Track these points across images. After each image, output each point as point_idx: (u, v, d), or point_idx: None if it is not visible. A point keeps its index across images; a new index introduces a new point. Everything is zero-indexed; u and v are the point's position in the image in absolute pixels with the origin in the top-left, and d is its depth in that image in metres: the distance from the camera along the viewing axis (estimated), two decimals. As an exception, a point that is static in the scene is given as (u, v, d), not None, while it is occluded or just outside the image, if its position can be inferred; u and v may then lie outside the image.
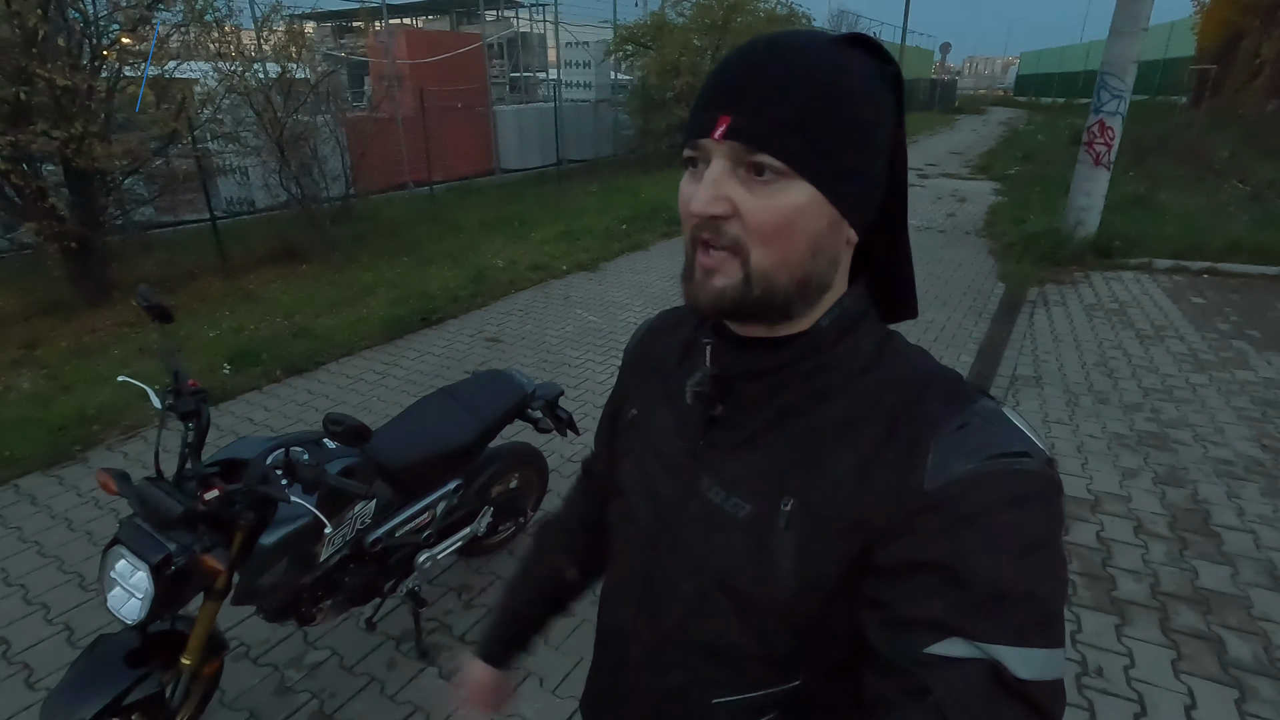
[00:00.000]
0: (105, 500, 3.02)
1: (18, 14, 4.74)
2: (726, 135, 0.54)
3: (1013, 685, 0.47)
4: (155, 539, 1.52)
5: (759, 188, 0.54)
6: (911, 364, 0.61)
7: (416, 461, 2.08)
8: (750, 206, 0.54)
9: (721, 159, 0.55)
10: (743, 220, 0.54)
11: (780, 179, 0.54)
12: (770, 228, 0.54)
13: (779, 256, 0.55)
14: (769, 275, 0.55)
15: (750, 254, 0.55)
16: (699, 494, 0.65)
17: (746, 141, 0.53)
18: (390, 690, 2.11)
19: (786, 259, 0.55)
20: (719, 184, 0.54)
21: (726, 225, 0.55)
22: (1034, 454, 0.52)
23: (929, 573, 0.50)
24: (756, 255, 0.55)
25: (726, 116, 0.54)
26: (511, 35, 15.29)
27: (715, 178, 0.55)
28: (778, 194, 0.54)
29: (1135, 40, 6.31)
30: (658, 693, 0.71)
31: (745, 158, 0.54)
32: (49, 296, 5.58)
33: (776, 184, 0.54)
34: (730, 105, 0.54)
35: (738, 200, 0.54)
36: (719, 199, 0.54)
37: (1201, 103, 15.66)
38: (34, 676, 2.15)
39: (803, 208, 0.54)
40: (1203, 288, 5.99)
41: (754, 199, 0.54)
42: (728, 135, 0.54)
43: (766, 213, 0.54)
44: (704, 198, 0.54)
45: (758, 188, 0.54)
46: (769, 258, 0.55)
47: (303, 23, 7.79)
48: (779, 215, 0.54)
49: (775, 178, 0.54)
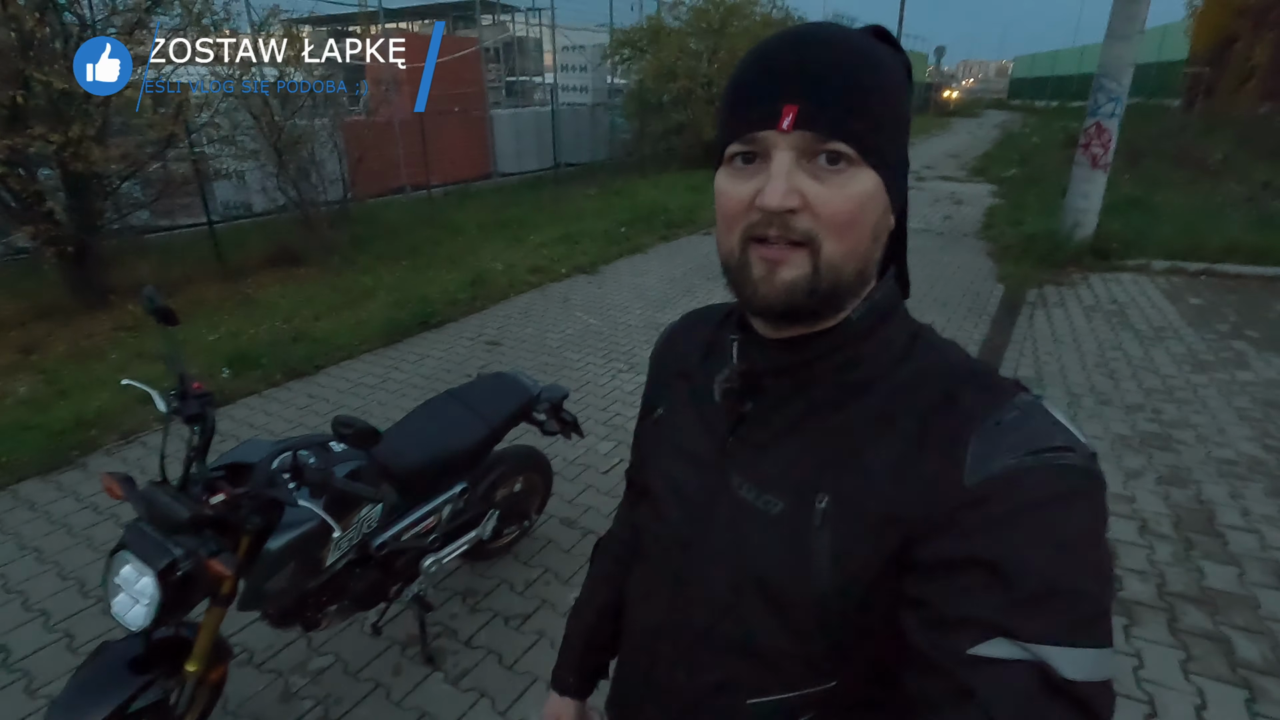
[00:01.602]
0: (104, 505, 2.99)
1: (15, 17, 4.73)
2: (797, 125, 0.52)
3: (1061, 687, 0.45)
4: (161, 544, 1.50)
5: (830, 177, 0.53)
6: (945, 357, 0.60)
7: (422, 464, 2.06)
8: (823, 197, 0.53)
9: (788, 150, 0.53)
10: (814, 211, 0.53)
11: (851, 167, 0.53)
12: (844, 217, 0.53)
13: (849, 246, 0.55)
14: (838, 266, 0.55)
15: (822, 245, 0.54)
16: (730, 492, 0.64)
17: (820, 130, 0.52)
18: (396, 696, 2.09)
19: (855, 249, 0.55)
20: (790, 175, 0.53)
21: (797, 219, 0.53)
22: (1076, 448, 0.51)
23: (972, 570, 0.49)
24: (829, 247, 0.54)
25: (793, 106, 0.52)
26: (508, 39, 15.31)
27: (785, 170, 0.53)
28: (850, 182, 0.53)
29: (1132, 43, 6.34)
30: (690, 694, 0.69)
31: (818, 147, 0.53)
32: (46, 301, 5.54)
33: (848, 172, 0.53)
34: (796, 95, 0.53)
35: (808, 191, 0.53)
36: (792, 191, 0.53)
37: (1195, 106, 15.76)
38: (34, 684, 2.13)
39: (871, 195, 0.54)
40: (1200, 289, 6.01)
41: (825, 189, 0.53)
42: (798, 125, 0.52)
43: (842, 202, 0.53)
44: (779, 191, 0.52)
45: (829, 177, 0.53)
46: (840, 248, 0.54)
47: (300, 27, 7.78)
48: (853, 204, 0.53)
49: (847, 166, 0.53)
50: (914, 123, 3.97)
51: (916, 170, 13.44)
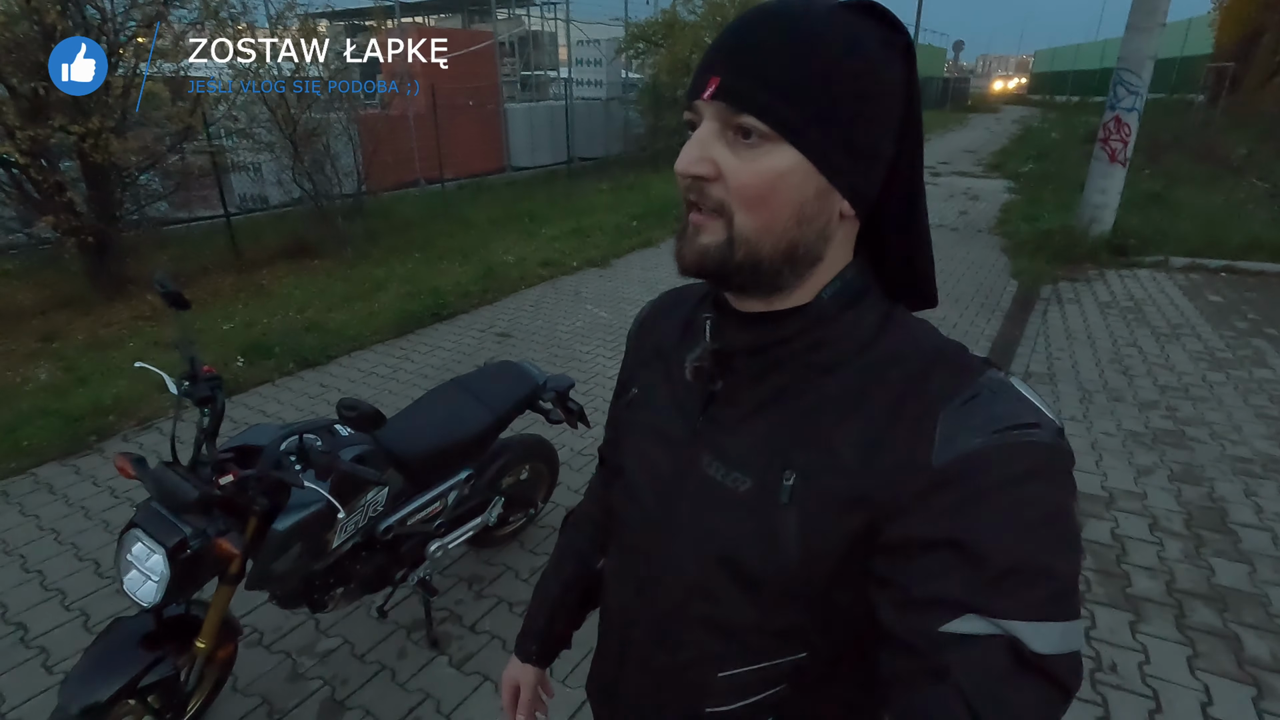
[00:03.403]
0: (121, 489, 3.05)
1: (37, 10, 4.80)
2: (714, 95, 0.54)
3: (1031, 661, 0.46)
4: (171, 523, 1.54)
5: (744, 150, 0.54)
6: (916, 337, 0.60)
7: (428, 450, 2.09)
8: (733, 168, 0.54)
9: (711, 120, 0.55)
10: (726, 182, 0.54)
11: (765, 142, 0.53)
12: (752, 191, 0.54)
13: (762, 221, 0.55)
14: (751, 240, 0.55)
15: (734, 217, 0.55)
16: (699, 470, 0.64)
17: (731, 102, 0.53)
18: (401, 678, 2.12)
19: (770, 225, 0.55)
20: (705, 145, 0.54)
21: (711, 187, 0.55)
22: (1044, 425, 0.51)
23: (941, 550, 0.49)
24: (740, 218, 0.55)
25: (716, 77, 0.54)
26: (523, 33, 15.33)
27: (701, 138, 0.55)
28: (761, 157, 0.53)
29: (1152, 36, 6.24)
30: (661, 669, 0.70)
31: (732, 119, 0.53)
32: (66, 290, 5.65)
33: (761, 147, 0.53)
34: (720, 65, 0.54)
35: (721, 162, 0.54)
36: (703, 160, 0.54)
37: (1219, 100, 15.47)
38: (51, 660, 2.18)
39: (786, 172, 0.53)
40: (1220, 286, 5.92)
41: (737, 161, 0.54)
42: (715, 95, 0.54)
43: (749, 175, 0.53)
44: (688, 157, 0.55)
45: (742, 150, 0.54)
46: (752, 222, 0.55)
47: (316, 21, 7.85)
48: (761, 179, 0.53)
49: (760, 141, 0.53)
50: (930, 118, 3.91)
51: (932, 165, 13.31)
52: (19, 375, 4.27)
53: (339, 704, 2.04)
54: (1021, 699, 0.46)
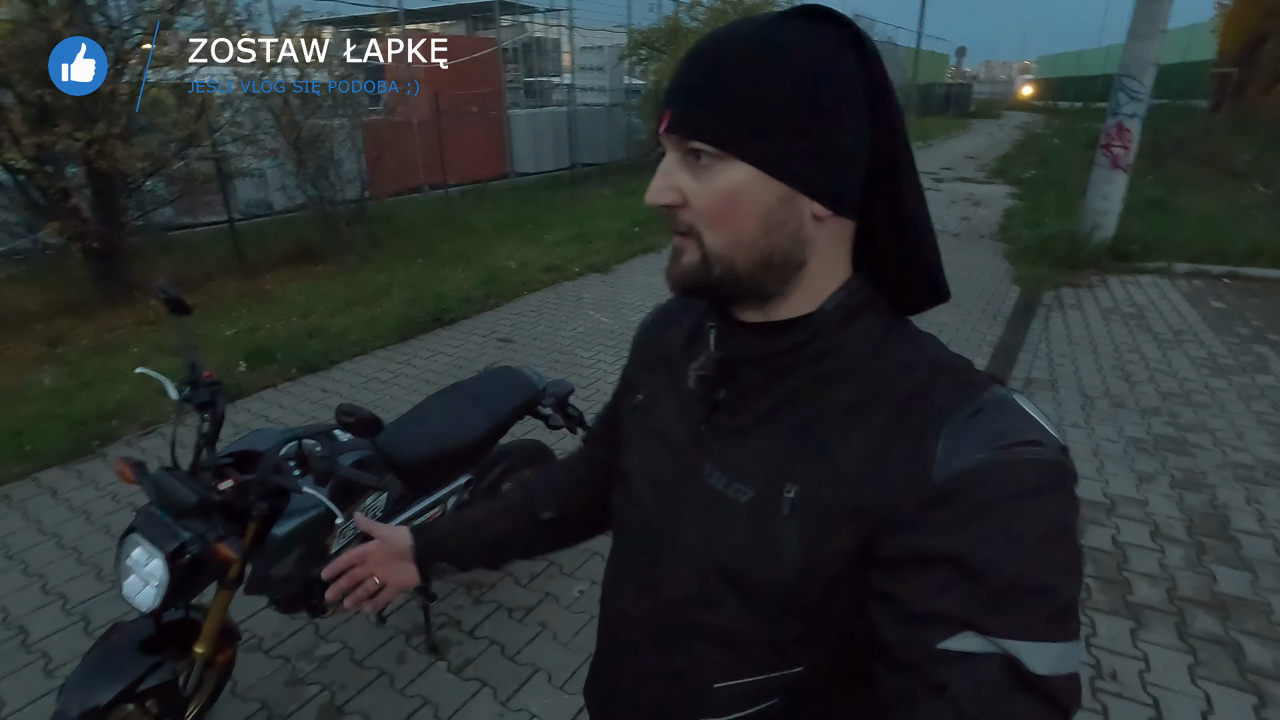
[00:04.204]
0: (123, 494, 3.06)
1: (44, 18, 4.85)
2: (668, 129, 0.58)
3: (1029, 680, 0.46)
4: (170, 527, 1.55)
5: (701, 173, 0.56)
6: (921, 350, 0.59)
7: (427, 456, 2.09)
8: (695, 191, 0.57)
9: (672, 150, 0.58)
10: (691, 206, 0.57)
11: (717, 162, 0.55)
12: (712, 210, 0.56)
13: (729, 236, 0.57)
14: (724, 255, 0.57)
15: (703, 237, 0.57)
16: (701, 479, 0.64)
17: (680, 132, 0.57)
18: (400, 684, 2.12)
19: (738, 238, 0.57)
20: (669, 174, 0.58)
21: (680, 213, 0.58)
22: (1046, 442, 0.51)
23: (941, 566, 0.49)
24: (709, 238, 0.57)
25: (668, 110, 0.58)
26: (526, 40, 15.39)
27: (665, 169, 0.59)
28: (715, 176, 0.56)
29: (1153, 42, 6.24)
30: (657, 677, 0.70)
31: (684, 145, 0.57)
32: (71, 295, 5.68)
33: (714, 167, 0.55)
34: (671, 100, 0.58)
35: (685, 187, 0.57)
36: (668, 189, 0.58)
37: (1222, 106, 15.46)
38: (51, 664, 2.19)
39: (742, 186, 0.55)
40: (1223, 292, 5.91)
41: (697, 184, 0.57)
42: (669, 129, 0.58)
43: (707, 195, 0.56)
44: (654, 189, 0.59)
45: (700, 173, 0.56)
46: (719, 238, 0.57)
47: (320, 28, 7.90)
48: (717, 196, 0.56)
49: (712, 161, 0.55)
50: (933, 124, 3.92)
51: (934, 171, 13.31)
52: (23, 380, 4.29)
53: (338, 709, 2.04)
54: (1019, 718, 0.46)
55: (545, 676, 2.14)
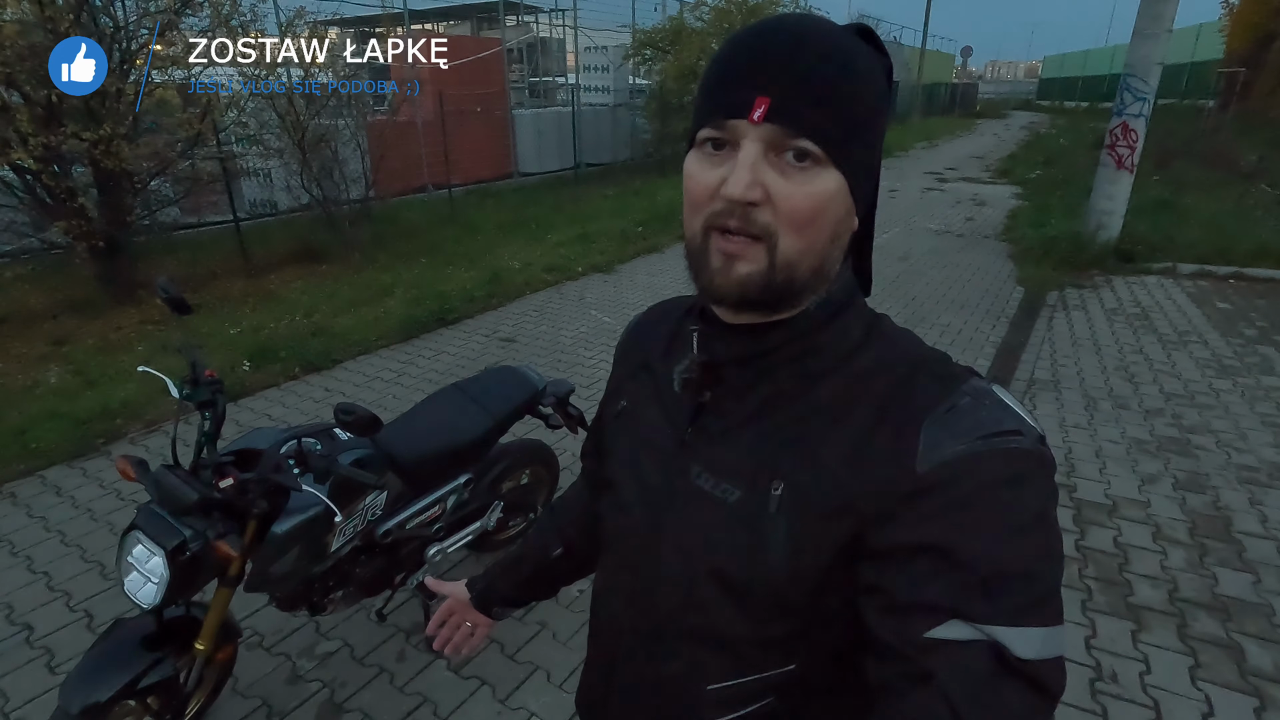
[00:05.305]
0: (127, 492, 3.08)
1: (51, 19, 4.88)
2: (768, 117, 0.52)
3: (1015, 665, 0.47)
4: (171, 525, 1.56)
5: (795, 174, 0.53)
6: (901, 346, 0.61)
7: (427, 454, 2.10)
8: (785, 193, 0.53)
9: (755, 142, 0.53)
10: (774, 206, 0.53)
11: (816, 166, 0.53)
12: (803, 215, 0.53)
13: (806, 244, 0.54)
14: (793, 263, 0.55)
15: (779, 241, 0.54)
16: (688, 481, 0.65)
17: (790, 125, 0.52)
18: (399, 681, 2.13)
19: (812, 247, 0.55)
20: (756, 169, 0.52)
21: (758, 212, 0.53)
22: (1025, 432, 0.52)
23: (925, 556, 0.50)
24: (785, 243, 0.54)
25: (766, 98, 0.52)
26: (531, 40, 15.40)
27: (751, 162, 0.52)
28: (813, 180, 0.53)
29: (1159, 42, 6.22)
30: (651, 682, 0.70)
31: (786, 142, 0.52)
32: (77, 295, 5.71)
33: (812, 171, 0.53)
34: (769, 85, 0.52)
35: (771, 185, 0.53)
36: (755, 184, 0.52)
37: (1230, 106, 15.37)
38: (55, 660, 2.20)
39: (833, 195, 0.54)
40: (1228, 293, 5.88)
41: (789, 185, 0.53)
42: (769, 117, 0.52)
43: (802, 199, 0.53)
44: (743, 182, 0.52)
45: (794, 173, 0.53)
46: (796, 245, 0.54)
47: (325, 28, 7.92)
48: (814, 202, 0.53)
49: (813, 165, 0.53)
50: (938, 124, 3.93)
51: (938, 172, 13.28)
52: (29, 378, 4.32)
53: (338, 706, 2.05)
54: (1006, 704, 0.47)
55: (544, 675, 2.14)
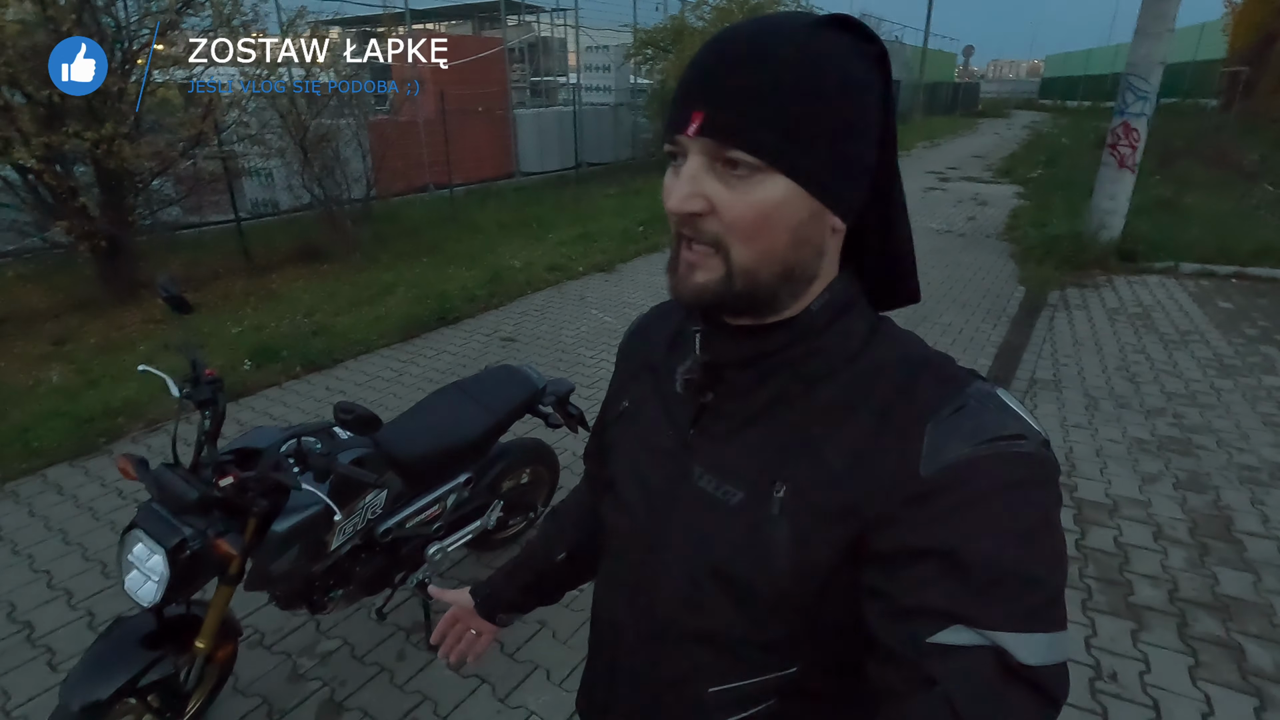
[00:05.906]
0: (128, 491, 3.09)
1: (53, 19, 4.89)
2: (700, 132, 0.53)
3: (1018, 671, 0.46)
4: (171, 523, 1.56)
5: (735, 183, 0.53)
6: (903, 348, 0.60)
7: (427, 453, 2.10)
8: (727, 202, 0.53)
9: (697, 155, 0.54)
10: (720, 216, 0.54)
11: (756, 173, 0.52)
12: (747, 223, 0.53)
13: (760, 251, 0.54)
14: (750, 270, 0.55)
15: (730, 250, 0.54)
16: (690, 483, 0.64)
17: (718, 138, 0.52)
18: (399, 680, 2.13)
19: (768, 253, 0.55)
20: (695, 180, 0.54)
21: (705, 222, 0.54)
22: (1029, 436, 0.52)
23: (929, 560, 0.49)
24: (737, 251, 0.54)
25: (699, 112, 0.53)
26: (532, 40, 15.41)
27: (691, 174, 0.54)
28: (754, 189, 0.53)
29: (1161, 41, 6.20)
30: (651, 683, 0.70)
31: (720, 153, 0.53)
32: (79, 294, 5.72)
33: (752, 179, 0.53)
34: (703, 100, 0.53)
35: (714, 196, 0.53)
36: (694, 196, 0.54)
37: (1232, 105, 15.34)
38: (56, 659, 2.21)
39: (780, 202, 0.53)
40: (1230, 292, 5.86)
41: (730, 194, 0.53)
42: (701, 132, 0.53)
43: (743, 208, 0.53)
44: (679, 195, 0.54)
45: (734, 183, 0.53)
46: (749, 253, 0.54)
47: (326, 28, 7.94)
48: (756, 210, 0.53)
49: (750, 172, 0.53)
50: (940, 123, 3.91)
51: (940, 171, 13.26)
52: (32, 377, 4.33)
53: (338, 705, 2.05)
54: (1009, 710, 0.46)
55: (544, 674, 2.15)
